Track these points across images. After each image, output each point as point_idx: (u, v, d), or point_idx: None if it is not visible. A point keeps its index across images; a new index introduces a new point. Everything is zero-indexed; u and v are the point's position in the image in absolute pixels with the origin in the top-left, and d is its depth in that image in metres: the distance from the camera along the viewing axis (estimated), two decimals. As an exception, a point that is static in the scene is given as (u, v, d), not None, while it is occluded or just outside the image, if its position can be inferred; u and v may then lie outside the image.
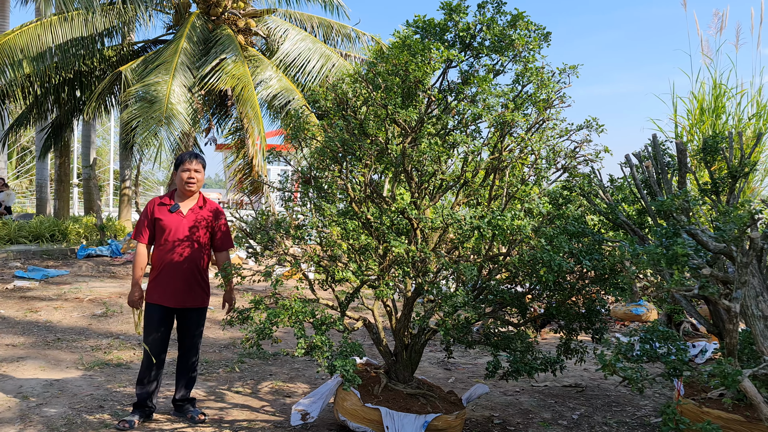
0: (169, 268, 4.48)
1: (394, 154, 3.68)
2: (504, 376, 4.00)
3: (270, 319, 3.45)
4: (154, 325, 4.56)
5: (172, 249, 4.49)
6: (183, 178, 4.52)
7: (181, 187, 4.57)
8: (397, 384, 4.49)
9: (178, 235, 4.50)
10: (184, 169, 4.52)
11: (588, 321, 4.33)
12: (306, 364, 6.52)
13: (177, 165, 4.59)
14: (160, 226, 4.52)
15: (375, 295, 3.59)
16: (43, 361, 6.19)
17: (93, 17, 12.65)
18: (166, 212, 4.54)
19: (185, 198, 4.61)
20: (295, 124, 4.09)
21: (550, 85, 3.84)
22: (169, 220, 4.51)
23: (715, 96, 13.26)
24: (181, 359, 4.74)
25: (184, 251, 4.50)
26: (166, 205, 4.57)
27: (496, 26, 3.92)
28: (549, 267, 3.53)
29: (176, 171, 4.57)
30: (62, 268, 12.36)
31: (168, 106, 10.82)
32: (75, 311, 8.60)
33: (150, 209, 4.58)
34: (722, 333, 4.57)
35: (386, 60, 3.72)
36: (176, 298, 4.53)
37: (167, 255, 4.50)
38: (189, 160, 4.54)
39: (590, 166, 4.59)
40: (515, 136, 3.87)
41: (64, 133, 15.54)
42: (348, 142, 3.65)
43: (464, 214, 3.49)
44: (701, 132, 13.50)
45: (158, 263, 4.54)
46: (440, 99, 3.74)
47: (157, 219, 4.53)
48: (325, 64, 13.19)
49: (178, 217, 4.53)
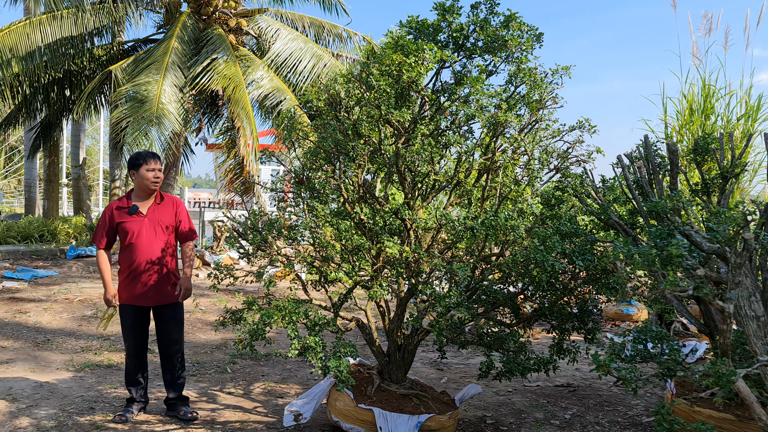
0: (137, 268, 4.55)
1: (387, 155, 3.68)
2: (497, 376, 4.00)
3: (263, 319, 3.44)
4: (130, 324, 4.65)
5: (137, 249, 4.55)
6: (149, 177, 4.56)
7: (145, 186, 4.60)
8: (390, 384, 4.48)
9: (141, 235, 4.56)
10: (149, 168, 4.56)
11: (580, 321, 4.34)
12: (298, 365, 6.50)
13: (136, 165, 4.58)
14: (122, 229, 4.58)
15: (369, 295, 3.58)
16: (33, 363, 6.14)
17: (83, 16, 12.56)
18: (125, 215, 4.59)
19: (145, 197, 4.66)
20: (287, 125, 4.07)
21: (543, 86, 3.85)
22: (131, 222, 4.57)
23: (704, 96, 13.33)
24: (164, 356, 4.77)
25: (149, 250, 4.56)
26: (125, 208, 4.61)
27: (489, 27, 3.93)
28: (542, 267, 3.53)
29: (135, 171, 4.57)
30: (51, 268, 12.28)
31: (159, 106, 10.76)
32: (65, 312, 8.54)
33: (108, 215, 4.64)
34: (713, 333, 4.59)
35: (380, 60, 3.71)
36: (147, 296, 4.59)
37: (133, 256, 4.56)
38: (153, 160, 4.58)
39: (582, 167, 4.61)
40: (508, 137, 3.87)
41: (53, 132, 15.43)
42: (341, 143, 3.64)
43: (457, 215, 3.49)
44: (690, 132, 13.57)
45: (126, 264, 4.60)
46: (433, 99, 3.73)
47: (119, 223, 4.59)
48: (316, 64, 13.15)
49: (139, 217, 4.59)
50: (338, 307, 4.04)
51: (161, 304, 4.66)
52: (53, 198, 17.63)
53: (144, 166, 4.55)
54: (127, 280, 4.59)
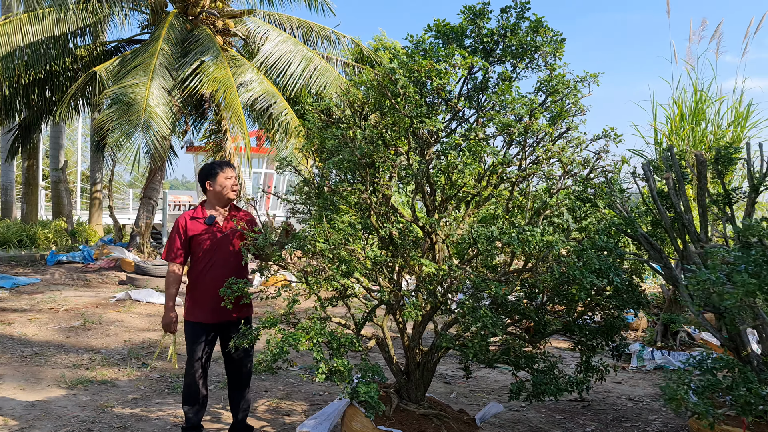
0: (211, 283, 4.16)
1: (416, 166, 3.48)
2: (528, 397, 3.83)
3: (288, 341, 3.21)
4: (200, 343, 4.29)
5: (213, 262, 4.23)
6: (228, 185, 4.30)
7: (222, 195, 4.33)
8: (409, 404, 4.28)
9: (217, 247, 4.26)
10: (227, 176, 4.31)
11: (607, 337, 4.19)
12: (300, 380, 6.27)
13: (213, 174, 4.32)
14: (197, 242, 4.27)
15: (404, 316, 3.37)
16: (22, 380, 5.83)
17: (66, 15, 12.19)
18: (202, 225, 4.29)
19: (221, 207, 4.38)
20: (308, 133, 3.86)
21: (577, 93, 3.69)
22: (207, 233, 4.27)
23: (695, 102, 13.36)
24: (234, 376, 4.44)
25: (225, 263, 4.25)
26: (200, 218, 4.31)
27: (520, 32, 3.76)
28: (581, 285, 3.37)
29: (212, 180, 4.31)
30: (33, 275, 11.88)
31: (147, 109, 10.45)
32: (51, 323, 8.21)
33: (183, 226, 4.30)
34: (738, 347, 4.47)
35: (406, 66, 3.52)
36: (220, 313, 4.20)
37: (208, 269, 4.24)
38: (229, 168, 4.36)
39: (605, 178, 4.46)
40: (542, 147, 3.70)
41: (32, 134, 14.99)
42: (369, 153, 3.43)
43: (493, 230, 3.31)
44: (680, 138, 13.59)
45: (198, 279, 4.27)
46: (464, 107, 3.55)
47: (194, 235, 4.27)
48: (307, 67, 12.90)
49: (216, 229, 4.29)
50: (361, 326, 3.84)
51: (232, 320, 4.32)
52: (32, 202, 17.15)
53: (222, 175, 4.29)
54: (198, 295, 4.24)
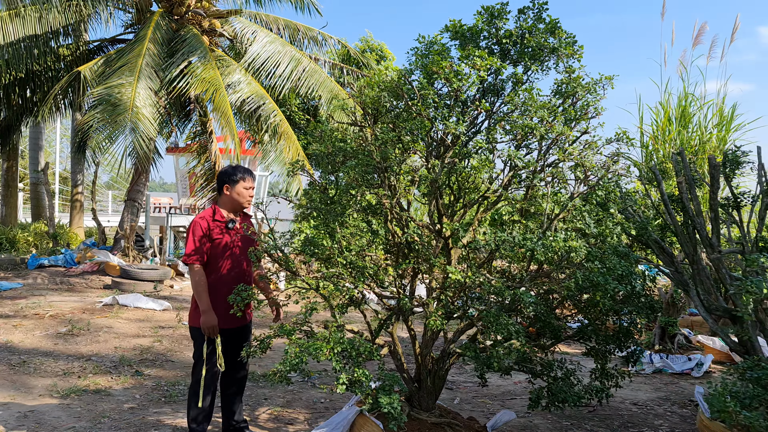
0: (230, 288, 4.05)
1: (436, 170, 3.40)
2: (546, 405, 3.76)
3: (308, 351, 3.11)
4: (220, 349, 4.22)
5: (232, 266, 4.23)
6: (245, 195, 4.32)
7: (238, 203, 4.34)
8: (420, 413, 4.19)
9: (236, 251, 4.26)
10: (246, 186, 4.31)
11: (620, 342, 4.14)
12: (300, 386, 6.14)
13: (233, 180, 4.30)
14: (217, 244, 4.21)
15: (428, 324, 3.28)
16: (12, 389, 5.63)
17: (49, 13, 11.91)
18: (223, 229, 4.24)
19: (233, 212, 4.38)
20: (323, 136, 3.75)
21: (597, 96, 3.63)
22: (228, 237, 4.24)
23: (683, 107, 13.46)
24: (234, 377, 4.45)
25: (243, 267, 4.28)
26: (221, 222, 4.25)
27: (538, 33, 3.69)
28: (604, 291, 3.31)
29: (231, 185, 4.29)
30: (14, 280, 11.59)
31: (134, 110, 10.23)
32: (36, 329, 7.98)
33: (206, 228, 4.20)
34: (750, 351, 4.45)
35: (425, 68, 3.43)
36: (234, 318, 4.15)
37: (228, 274, 4.22)
38: (250, 177, 4.36)
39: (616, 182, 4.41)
40: (564, 151, 3.63)
41: (12, 135, 14.64)
42: (387, 156, 3.33)
43: (515, 236, 3.23)
44: (667, 141, 13.69)
45: (217, 283, 4.20)
46: (484, 109, 3.47)
47: (216, 238, 4.21)
48: (295, 68, 12.76)
49: (234, 233, 4.27)
50: (377, 334, 3.74)
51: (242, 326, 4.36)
52: (11, 204, 16.77)
53: (242, 183, 4.29)
54: (223, 300, 4.10)
